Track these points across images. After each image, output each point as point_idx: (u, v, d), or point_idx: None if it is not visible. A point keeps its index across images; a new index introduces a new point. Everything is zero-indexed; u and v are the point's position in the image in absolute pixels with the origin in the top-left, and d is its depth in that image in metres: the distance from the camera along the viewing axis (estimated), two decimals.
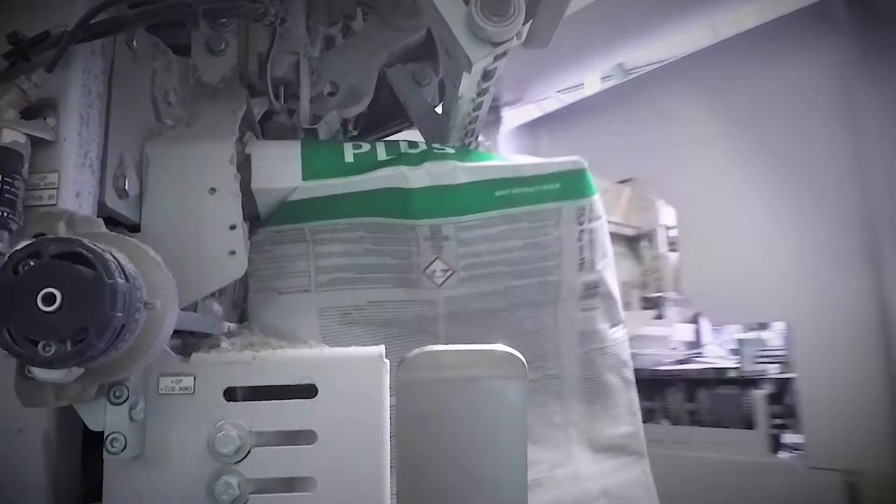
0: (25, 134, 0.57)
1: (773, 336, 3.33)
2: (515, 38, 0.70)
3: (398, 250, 0.86)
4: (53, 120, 0.61)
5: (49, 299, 0.45)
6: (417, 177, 0.84)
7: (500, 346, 0.67)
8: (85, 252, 0.46)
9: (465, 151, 0.92)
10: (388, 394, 0.60)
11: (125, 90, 0.71)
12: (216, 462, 0.57)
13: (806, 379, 2.40)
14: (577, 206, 0.90)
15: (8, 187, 0.55)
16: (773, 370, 2.63)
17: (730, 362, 2.90)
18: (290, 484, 0.59)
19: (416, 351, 0.66)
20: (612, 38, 2.76)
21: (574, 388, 0.97)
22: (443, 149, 0.90)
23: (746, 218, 2.63)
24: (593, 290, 0.95)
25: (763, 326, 3.41)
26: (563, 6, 0.87)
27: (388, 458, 0.59)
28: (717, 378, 2.73)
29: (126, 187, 0.69)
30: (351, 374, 0.60)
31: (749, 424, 2.53)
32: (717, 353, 3.45)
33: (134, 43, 0.73)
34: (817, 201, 2.44)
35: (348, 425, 0.59)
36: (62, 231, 0.54)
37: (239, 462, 0.57)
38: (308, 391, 0.59)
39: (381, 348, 0.62)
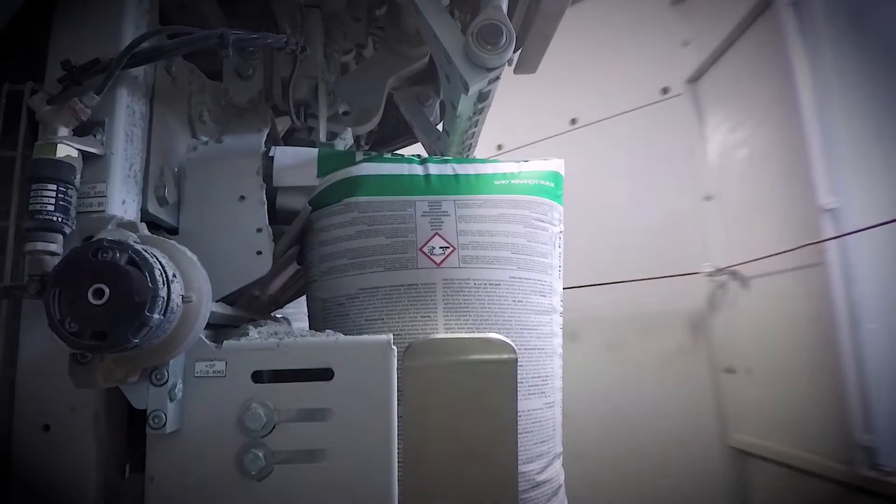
0: (77, 149, 0.58)
1: None
2: (507, 64, 0.70)
3: (392, 228, 0.76)
4: (102, 136, 0.61)
5: (99, 293, 0.45)
6: (418, 169, 0.81)
7: (493, 335, 0.67)
8: (138, 259, 0.46)
9: (462, 160, 0.88)
10: (396, 376, 0.60)
11: (165, 110, 0.71)
12: (245, 436, 0.57)
13: None
14: (560, 210, 0.85)
15: (62, 195, 0.55)
16: None
17: None
18: (309, 455, 0.59)
19: (419, 339, 0.66)
20: None
21: (559, 423, 0.81)
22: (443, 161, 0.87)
23: None
24: (562, 306, 0.84)
25: None
26: (549, 37, 0.88)
27: (395, 433, 0.59)
28: None
29: (166, 195, 0.69)
30: (363, 359, 0.60)
31: None
32: None
33: (173, 69, 0.74)
34: None
35: (360, 404, 0.59)
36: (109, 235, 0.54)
37: (265, 436, 0.57)
38: (325, 374, 0.59)
39: (390, 336, 0.62)
